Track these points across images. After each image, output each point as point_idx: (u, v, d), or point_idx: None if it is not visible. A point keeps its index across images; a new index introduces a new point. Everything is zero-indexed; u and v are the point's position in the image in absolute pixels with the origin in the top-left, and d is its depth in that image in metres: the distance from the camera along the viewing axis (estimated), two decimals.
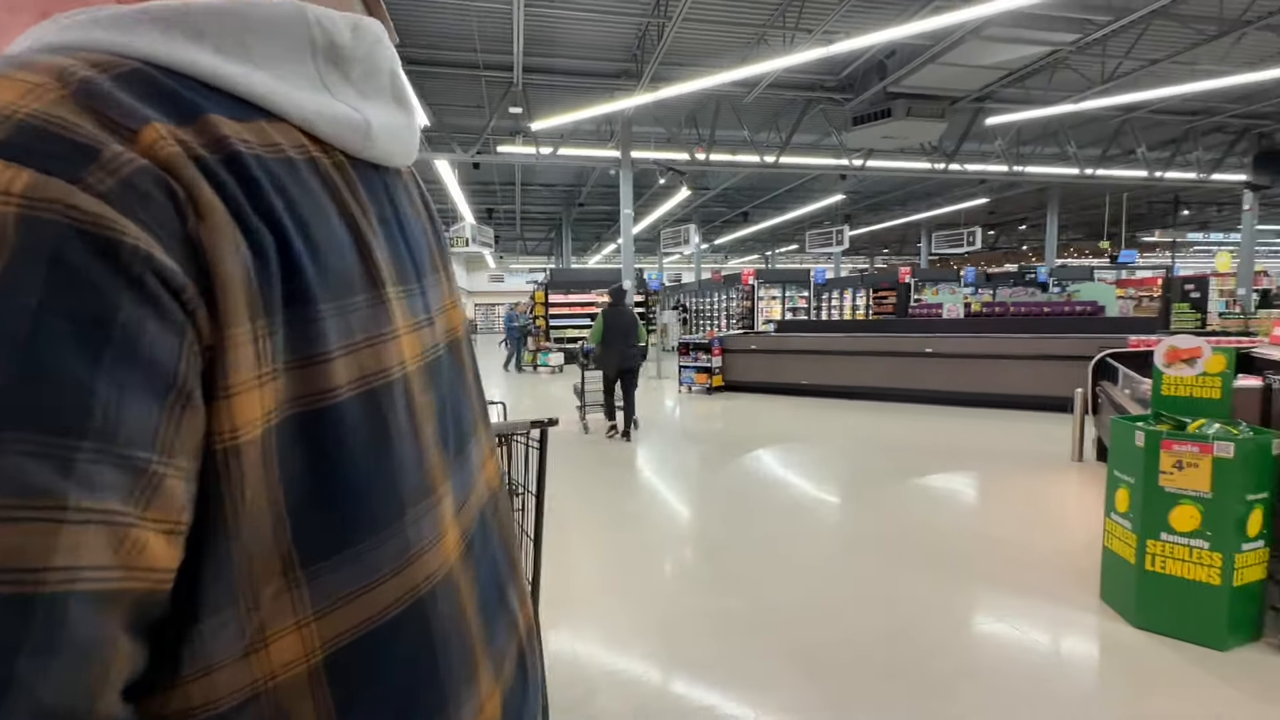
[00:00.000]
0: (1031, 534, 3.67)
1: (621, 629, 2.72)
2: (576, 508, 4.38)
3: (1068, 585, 2.99)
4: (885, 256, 33.13)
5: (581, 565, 3.41)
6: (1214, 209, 21.09)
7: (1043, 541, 3.55)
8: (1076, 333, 7.59)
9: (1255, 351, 4.20)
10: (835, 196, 17.23)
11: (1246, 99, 12.48)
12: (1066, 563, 3.23)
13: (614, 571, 3.33)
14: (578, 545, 3.69)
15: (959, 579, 3.13)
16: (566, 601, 2.96)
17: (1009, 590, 2.98)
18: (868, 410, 7.90)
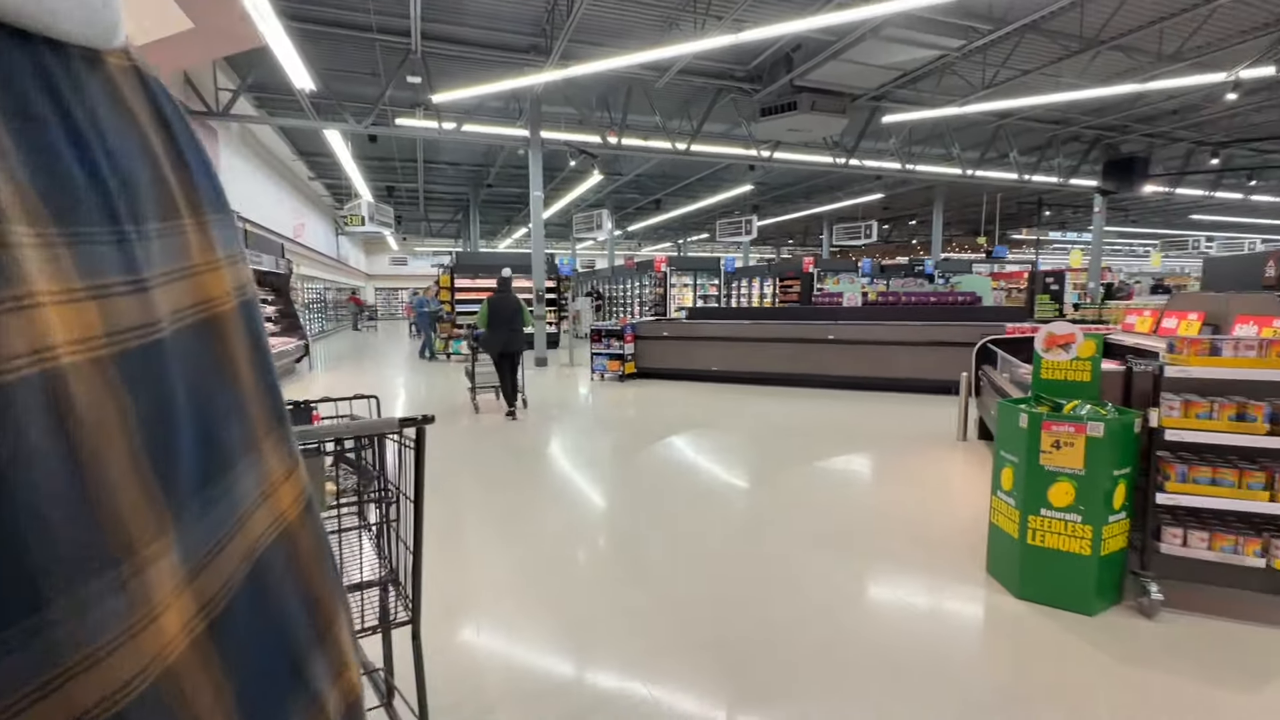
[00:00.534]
0: (924, 512, 3.86)
1: (525, 633, 2.55)
2: (479, 500, 4.14)
3: (959, 560, 3.15)
4: (790, 247, 34.53)
5: (482, 563, 3.20)
6: (1070, 210, 23.58)
7: (935, 519, 3.74)
8: (960, 320, 8.18)
9: (1111, 338, 4.65)
10: (744, 187, 17.61)
11: (1099, 112, 13.94)
12: (957, 539, 3.41)
13: (518, 569, 3.15)
14: (478, 541, 3.47)
15: (861, 560, 3.21)
16: (463, 608, 2.75)
17: (907, 568, 3.10)
18: (775, 395, 8.12)
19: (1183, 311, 3.92)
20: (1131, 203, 22.42)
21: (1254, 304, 3.19)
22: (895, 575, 3.05)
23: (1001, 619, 2.61)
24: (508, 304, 6.64)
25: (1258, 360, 2.37)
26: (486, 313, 6.61)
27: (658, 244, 35.38)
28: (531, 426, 6.54)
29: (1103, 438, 2.46)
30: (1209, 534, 2.48)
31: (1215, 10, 9.02)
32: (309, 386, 9.70)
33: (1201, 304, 3.72)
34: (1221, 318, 3.55)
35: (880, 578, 3.04)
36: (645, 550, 3.36)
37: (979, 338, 5.72)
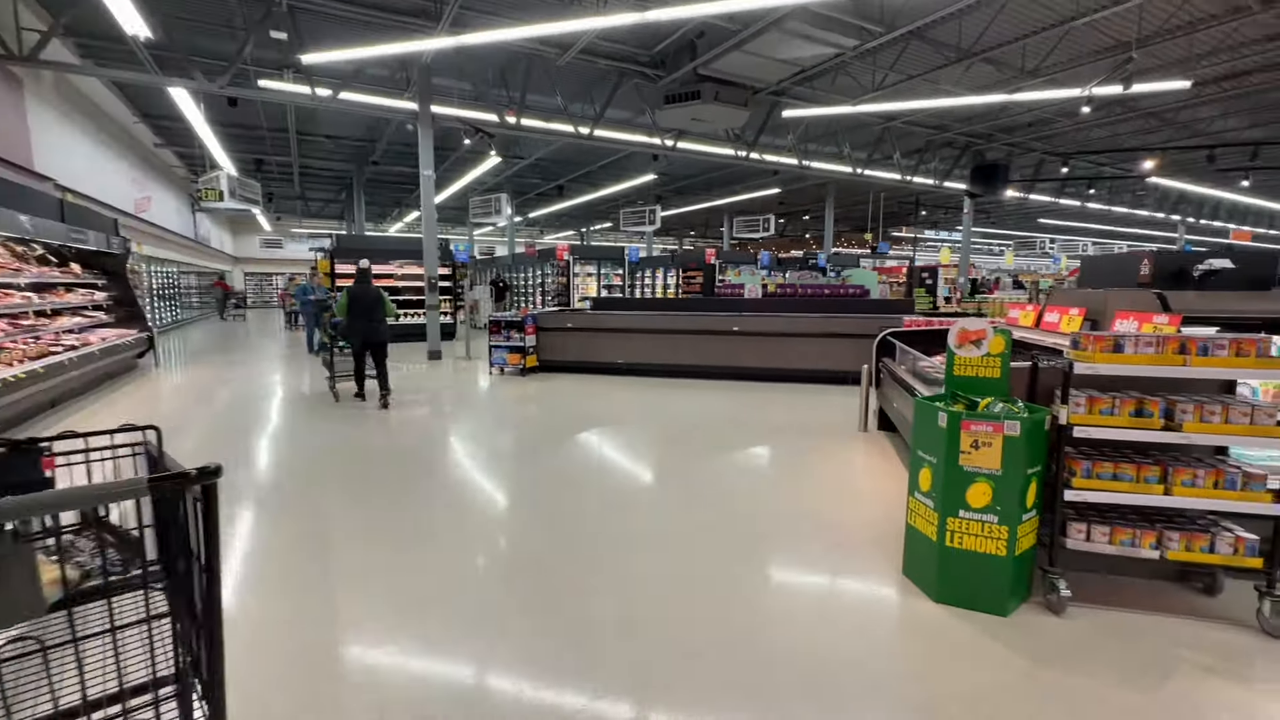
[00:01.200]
0: (835, 510, 3.78)
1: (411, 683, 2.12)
2: (342, 519, 3.57)
3: (874, 561, 3.06)
4: (692, 238, 35.07)
5: (359, 595, 2.70)
6: (942, 211, 25.64)
7: (846, 516, 3.67)
8: (856, 313, 8.44)
9: None
10: (647, 176, 17.46)
11: (969, 120, 15.07)
12: (869, 538, 3.34)
13: (380, 613, 2.68)
14: (338, 572, 2.95)
15: (775, 564, 3.05)
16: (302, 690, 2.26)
17: (821, 571, 2.96)
18: (682, 388, 7.98)
19: (1064, 307, 4.11)
20: (992, 206, 24.72)
21: (1131, 301, 3.34)
22: (810, 579, 2.90)
23: (919, 624, 2.52)
24: (367, 294, 6.64)
25: (1156, 357, 2.41)
26: (346, 303, 6.59)
27: (561, 232, 34.63)
28: (418, 427, 5.93)
29: (1019, 436, 2.41)
30: (1110, 528, 2.52)
31: (1068, 32, 9.90)
32: (144, 388, 8.35)
33: (1082, 300, 3.91)
34: (1100, 314, 3.73)
35: (794, 582, 2.88)
36: (545, 568, 3.00)
37: (875, 330, 5.85)
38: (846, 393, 7.49)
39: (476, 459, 4.89)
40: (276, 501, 3.94)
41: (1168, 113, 14.20)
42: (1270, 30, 9.93)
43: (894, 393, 4.94)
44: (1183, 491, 2.42)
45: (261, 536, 3.40)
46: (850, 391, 7.51)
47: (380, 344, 6.79)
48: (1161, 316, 2.97)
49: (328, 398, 7.37)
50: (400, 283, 14.08)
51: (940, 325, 5.37)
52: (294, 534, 3.43)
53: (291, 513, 3.75)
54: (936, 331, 5.31)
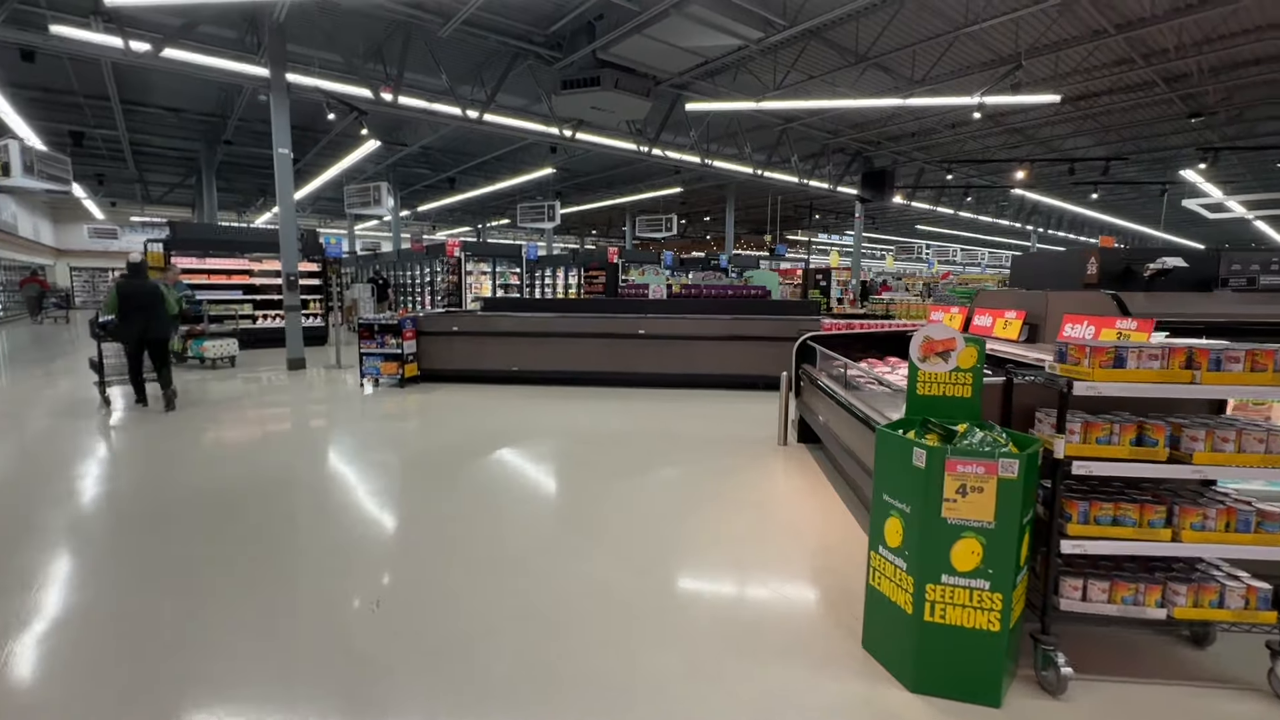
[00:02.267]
0: (762, 553, 3.16)
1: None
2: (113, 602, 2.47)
3: (823, 630, 2.44)
4: (594, 237, 34.33)
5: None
6: (833, 216, 26.70)
7: (777, 561, 3.05)
8: (766, 314, 8.07)
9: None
10: (546, 169, 16.49)
11: (860, 127, 15.48)
12: (811, 591, 2.73)
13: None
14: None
15: (694, 637, 2.34)
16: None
17: (755, 648, 2.30)
18: (584, 397, 7.19)
19: (997, 309, 3.77)
20: (877, 211, 26.04)
21: (1082, 303, 2.99)
22: (744, 664, 2.23)
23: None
24: (142, 290, 6.29)
25: (1163, 373, 1.95)
26: (115, 301, 6.15)
27: (456, 228, 32.61)
28: (235, 459, 4.71)
29: (1017, 478, 1.87)
30: (1109, 584, 2.04)
31: (954, 43, 10.18)
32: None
33: (1019, 302, 3.57)
34: (1040, 317, 3.39)
35: (724, 670, 2.19)
36: (403, 659, 2.11)
37: (788, 333, 5.42)
38: (759, 399, 7.05)
39: (313, 502, 3.82)
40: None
41: (1030, 129, 15.33)
42: (1120, 55, 10.75)
43: (818, 402, 4.46)
44: (1193, 536, 1.98)
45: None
46: (763, 398, 7.08)
47: (159, 340, 6.37)
48: (1128, 322, 2.59)
49: (136, 411, 5.86)
50: (258, 279, 12.17)
51: (864, 329, 4.96)
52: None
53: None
54: (860, 335, 4.91)
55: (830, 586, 2.76)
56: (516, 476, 4.35)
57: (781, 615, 2.53)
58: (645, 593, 2.72)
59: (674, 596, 2.69)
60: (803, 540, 3.28)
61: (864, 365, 4.19)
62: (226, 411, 6.40)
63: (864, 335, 4.88)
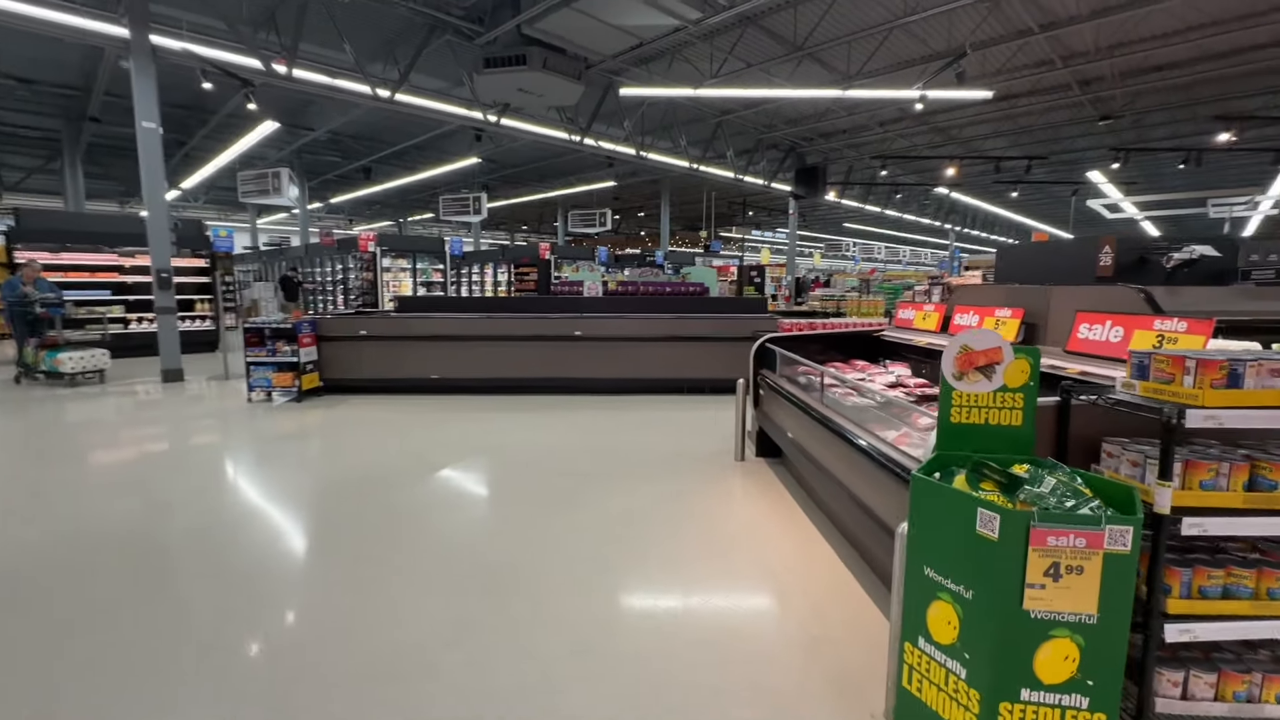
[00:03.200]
0: (740, 616, 2.52)
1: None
2: None
3: (820, 709, 1.83)
4: (525, 233, 33.06)
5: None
6: (765, 213, 26.79)
7: (762, 630, 2.42)
8: (712, 313, 7.52)
9: (886, 335, 4.04)
10: (471, 159, 15.37)
11: (795, 122, 15.32)
12: (812, 674, 2.12)
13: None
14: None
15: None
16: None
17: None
18: (515, 408, 6.38)
19: (984, 306, 3.31)
20: (808, 208, 26.32)
21: (1100, 299, 2.53)
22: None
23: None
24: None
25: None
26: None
27: (376, 222, 30.51)
28: (57, 505, 3.65)
29: (1129, 552, 1.30)
30: (1216, 675, 1.53)
31: (889, 36, 10.00)
32: None
33: (1013, 298, 3.11)
34: (1040, 315, 2.94)
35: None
36: None
37: (739, 332, 4.87)
38: (708, 405, 6.48)
39: (146, 576, 2.88)
40: None
41: (954, 129, 15.66)
42: (1042, 56, 10.94)
43: (782, 413, 3.90)
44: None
45: None
46: (712, 403, 6.51)
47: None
48: (1171, 322, 2.12)
49: None
50: (130, 277, 10.51)
51: (827, 329, 4.44)
52: None
53: None
54: (824, 337, 4.38)
55: (836, 666, 2.15)
56: (428, 520, 3.53)
57: (785, 693, 1.90)
58: (590, 687, 2.02)
59: (643, 679, 2.01)
60: (788, 598, 2.67)
61: (834, 370, 3.66)
62: (49, 438, 5.17)
63: (828, 336, 4.37)
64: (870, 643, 2.26)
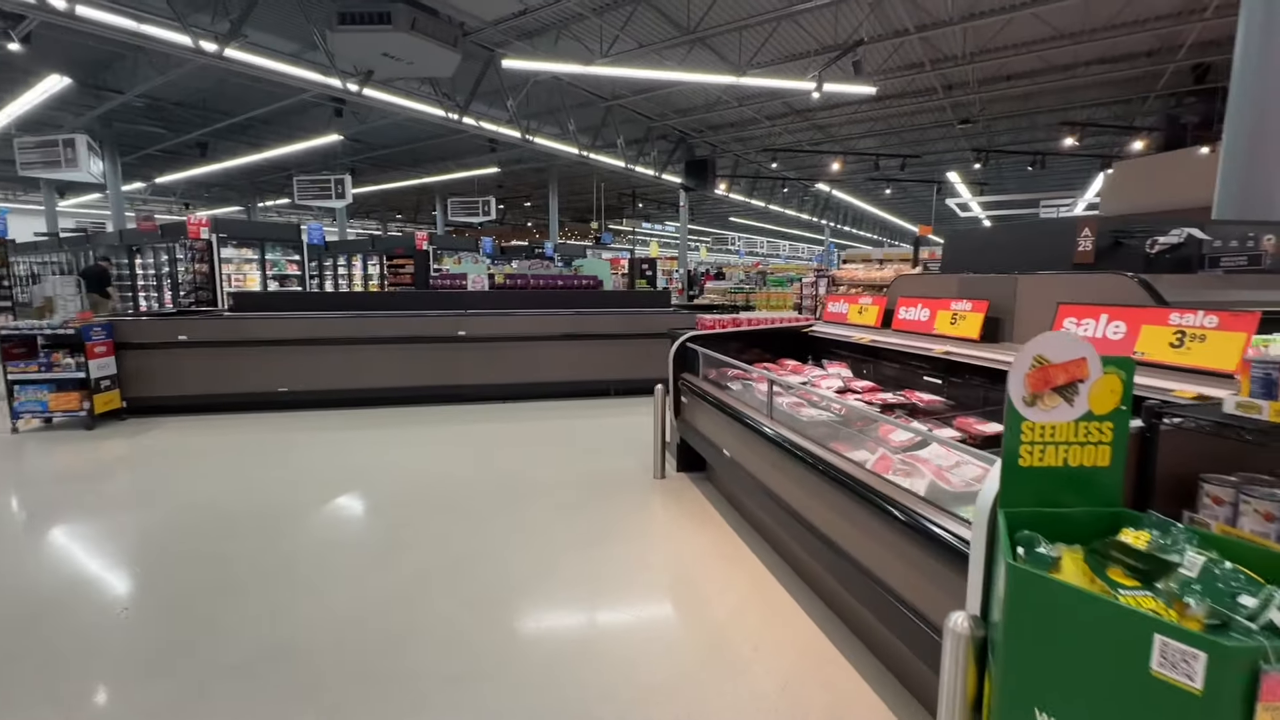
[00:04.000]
0: (685, 705, 1.91)
1: None
2: None
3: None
4: (400, 223, 30.41)
5: None
6: (655, 205, 26.63)
7: (687, 668, 1.81)
8: (615, 308, 6.88)
9: (816, 331, 3.62)
10: (331, 137, 13.51)
11: (685, 112, 15.05)
12: None
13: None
14: None
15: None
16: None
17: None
18: (382, 424, 5.34)
19: (935, 299, 2.94)
20: (695, 202, 26.51)
21: (1081, 289, 2.19)
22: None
23: None
24: None
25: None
26: None
27: (222, 208, 26.56)
28: None
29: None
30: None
31: (777, 28, 9.89)
32: None
33: (971, 288, 2.75)
34: (1005, 310, 2.59)
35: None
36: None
37: (645, 328, 4.30)
38: (615, 410, 5.84)
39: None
40: None
41: (833, 127, 16.20)
42: (914, 59, 11.41)
43: (713, 424, 3.34)
44: None
45: None
46: (619, 407, 5.89)
47: None
48: (1189, 315, 1.78)
49: None
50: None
51: (755, 325, 3.95)
52: None
53: None
54: (752, 334, 3.88)
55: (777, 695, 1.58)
56: (247, 605, 2.56)
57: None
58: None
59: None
60: (748, 670, 2.08)
61: (778, 373, 3.15)
62: None
63: (752, 334, 3.88)
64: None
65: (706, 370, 3.68)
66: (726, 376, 3.42)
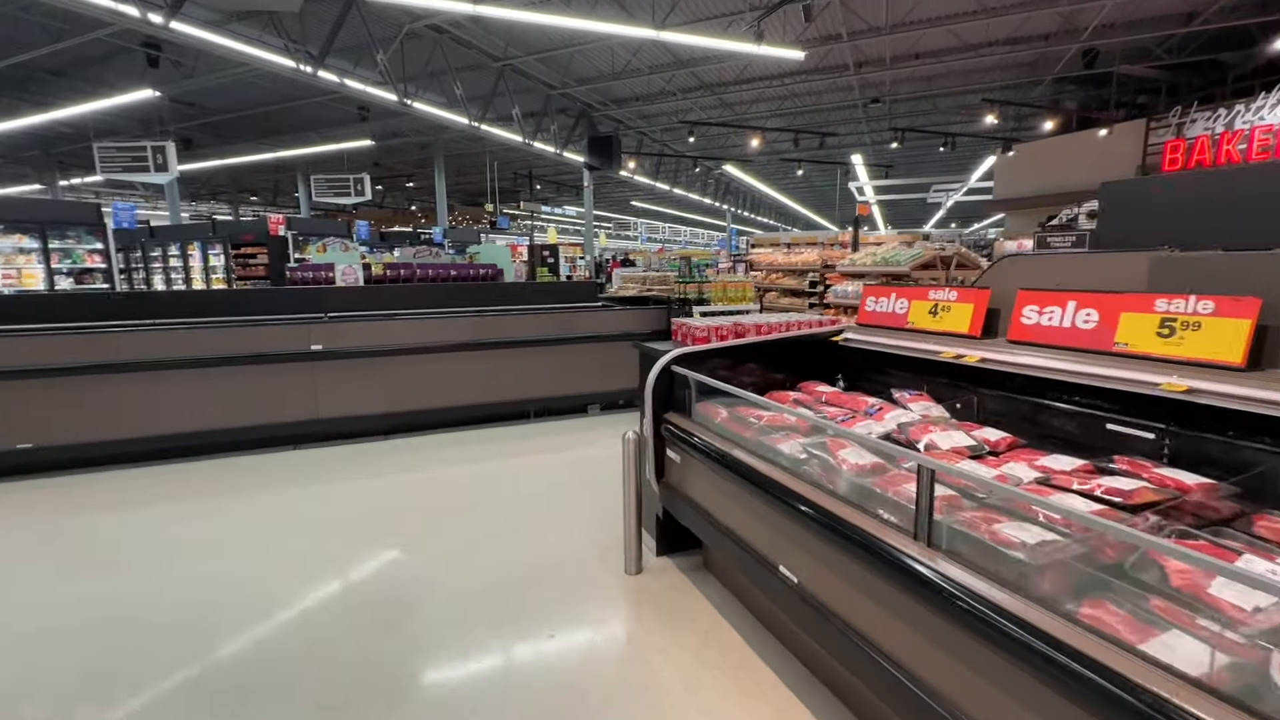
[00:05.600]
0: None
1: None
2: None
3: None
4: (256, 207, 26.12)
5: None
6: (554, 187, 24.79)
7: None
8: (532, 304, 5.36)
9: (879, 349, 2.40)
10: (143, 92, 10.57)
11: (587, 82, 13.50)
12: None
13: None
14: None
15: None
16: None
17: None
18: (186, 490, 3.52)
19: (1102, 295, 1.80)
20: (597, 183, 25.00)
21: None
22: None
23: None
24: None
25: None
26: None
27: (11, 185, 21.23)
28: None
29: None
30: None
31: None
32: None
33: (1214, 274, 1.63)
34: (1002, 305, 1.50)
35: None
36: None
37: (585, 330, 2.92)
38: (542, 440, 4.38)
39: None
40: None
41: (741, 105, 15.38)
42: (831, 30, 10.67)
43: (738, 509, 2.03)
44: None
45: None
46: (546, 435, 4.43)
47: None
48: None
49: None
50: None
51: (774, 332, 2.67)
52: None
53: None
54: (756, 347, 2.58)
55: None
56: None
57: None
58: None
59: None
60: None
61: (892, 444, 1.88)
62: None
63: (757, 347, 2.59)
64: None
65: (706, 408, 2.35)
66: (754, 424, 2.11)
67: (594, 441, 4.37)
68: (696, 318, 4.87)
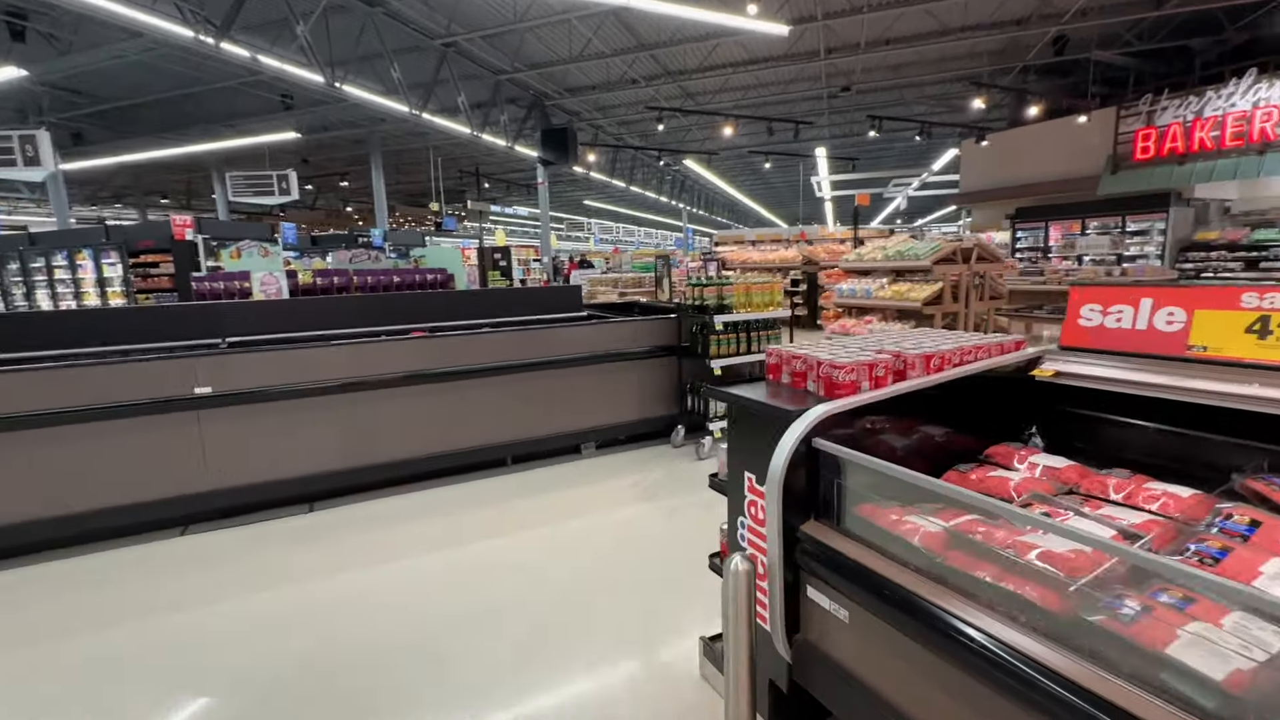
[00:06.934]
0: None
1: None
2: None
3: None
4: (165, 209, 23.40)
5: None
6: (503, 186, 23.32)
7: None
8: (485, 318, 4.22)
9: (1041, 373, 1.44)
10: (4, 70, 8.72)
11: (539, 66, 12.30)
12: None
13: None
14: None
15: None
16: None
17: None
18: (38, 602, 2.25)
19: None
20: (550, 181, 23.67)
21: None
22: None
23: None
24: None
25: None
26: None
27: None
28: None
29: None
30: None
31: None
32: None
33: None
34: None
35: None
36: None
37: (560, 353, 1.87)
38: (535, 500, 3.25)
39: None
40: None
41: (703, 96, 14.51)
42: (806, 11, 9.90)
43: (922, 676, 1.02)
44: None
45: None
46: (538, 491, 3.31)
47: None
48: None
49: None
50: None
51: (953, 369, 1.64)
52: None
53: None
54: (942, 393, 1.58)
55: None
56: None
57: None
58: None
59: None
60: None
61: None
62: None
63: (931, 392, 1.59)
64: None
65: (875, 514, 1.33)
66: (998, 552, 1.09)
67: (601, 500, 3.30)
68: (718, 327, 3.86)
